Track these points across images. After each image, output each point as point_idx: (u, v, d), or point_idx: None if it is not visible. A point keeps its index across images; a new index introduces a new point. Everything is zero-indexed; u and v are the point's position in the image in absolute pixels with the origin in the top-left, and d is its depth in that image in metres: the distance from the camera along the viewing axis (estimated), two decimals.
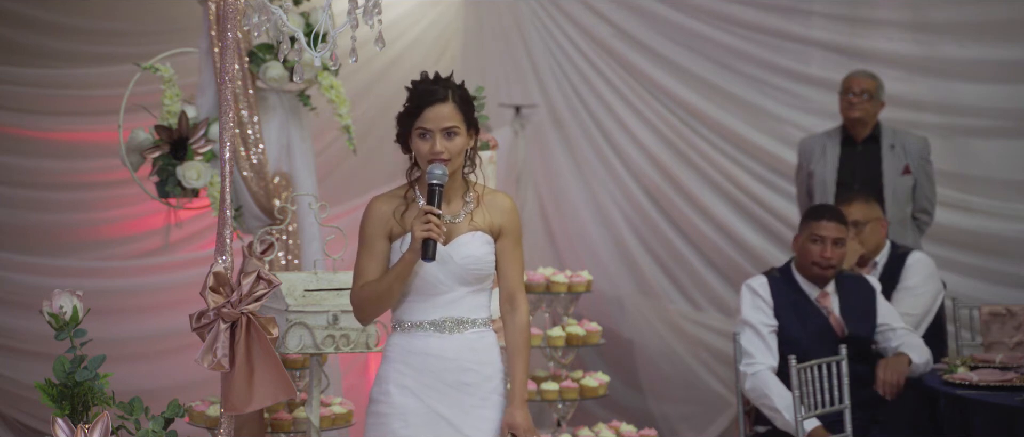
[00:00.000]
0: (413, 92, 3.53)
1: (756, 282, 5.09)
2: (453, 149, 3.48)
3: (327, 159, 6.71)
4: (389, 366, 3.53)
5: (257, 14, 3.28)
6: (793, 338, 4.96)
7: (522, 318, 3.59)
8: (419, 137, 3.49)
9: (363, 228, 3.53)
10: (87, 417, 3.49)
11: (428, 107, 3.48)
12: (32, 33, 6.33)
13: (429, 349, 3.51)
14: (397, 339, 3.55)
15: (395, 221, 3.51)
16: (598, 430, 5.61)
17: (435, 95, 3.49)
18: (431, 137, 3.48)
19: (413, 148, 3.52)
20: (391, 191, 3.59)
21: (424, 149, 3.48)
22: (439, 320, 3.52)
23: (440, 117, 3.48)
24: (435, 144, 3.46)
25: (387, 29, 3.37)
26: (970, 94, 6.78)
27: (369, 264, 3.50)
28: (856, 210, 5.53)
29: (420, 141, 3.49)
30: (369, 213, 3.53)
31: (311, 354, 4.14)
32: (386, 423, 3.51)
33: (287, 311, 3.95)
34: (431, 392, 3.50)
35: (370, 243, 3.51)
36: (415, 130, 3.50)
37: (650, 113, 7.20)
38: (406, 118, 3.52)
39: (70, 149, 6.45)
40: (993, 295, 6.45)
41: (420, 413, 3.50)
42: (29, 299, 5.43)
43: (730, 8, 7.04)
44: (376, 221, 3.52)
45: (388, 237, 3.52)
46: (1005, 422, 4.44)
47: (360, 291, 3.51)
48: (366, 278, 3.49)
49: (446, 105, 3.49)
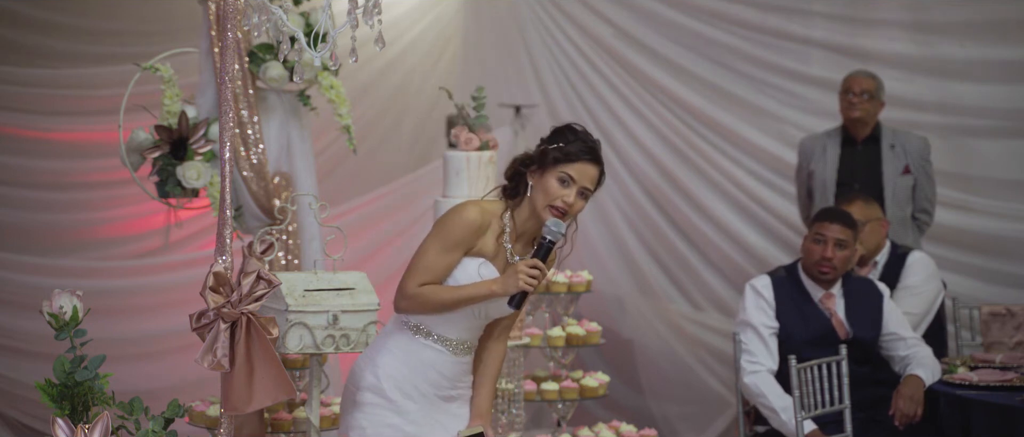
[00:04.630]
0: (576, 137, 3.49)
1: (760, 282, 5.09)
2: (577, 209, 3.48)
3: (327, 159, 6.72)
4: (392, 363, 3.55)
5: (257, 14, 3.28)
6: (794, 338, 4.96)
7: (505, 349, 3.72)
8: (559, 180, 3.45)
9: (449, 228, 3.48)
10: (87, 417, 3.48)
11: (586, 161, 3.47)
12: (32, 33, 6.33)
13: (437, 365, 3.56)
14: (407, 341, 3.56)
15: (483, 239, 3.50)
16: (598, 430, 5.61)
17: (595, 154, 3.49)
18: (570, 187, 3.45)
19: (542, 184, 3.46)
20: (485, 204, 3.55)
21: (558, 193, 3.44)
22: (458, 342, 3.57)
23: (587, 175, 3.48)
24: (571, 194, 3.45)
25: (387, 29, 3.36)
26: (970, 94, 6.78)
27: (438, 265, 3.48)
28: (856, 210, 5.53)
29: (558, 184, 3.45)
30: (464, 218, 3.48)
31: (311, 354, 4.14)
32: (383, 416, 3.52)
33: (287, 311, 3.95)
34: (426, 400, 3.56)
35: (450, 247, 3.48)
36: (557, 172, 3.45)
37: (650, 113, 7.20)
38: (557, 155, 3.46)
39: (70, 149, 6.45)
40: (993, 295, 6.45)
41: (418, 413, 3.54)
42: (29, 299, 5.43)
43: (730, 8, 7.04)
44: (468, 230, 3.48)
45: (468, 250, 3.50)
46: (1005, 422, 4.45)
47: (422, 290, 3.48)
48: (427, 278, 3.47)
49: (597, 168, 3.50)
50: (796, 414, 4.66)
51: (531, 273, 3.41)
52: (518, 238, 3.56)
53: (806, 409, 4.71)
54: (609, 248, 7.26)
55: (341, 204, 6.17)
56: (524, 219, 3.53)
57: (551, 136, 3.53)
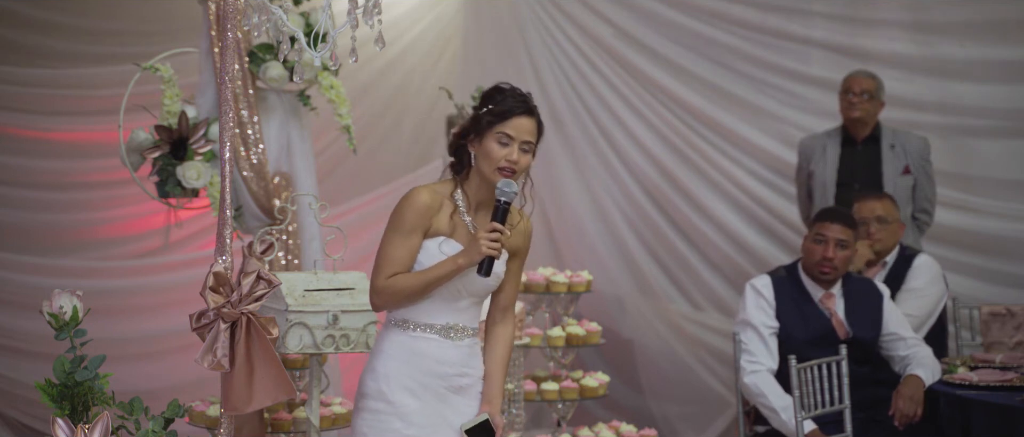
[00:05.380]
0: (504, 95, 3.51)
1: (760, 282, 5.09)
2: (523, 164, 3.49)
3: (327, 159, 6.72)
4: (389, 363, 3.53)
5: (257, 14, 3.28)
6: (794, 338, 4.96)
7: (512, 330, 3.68)
8: (498, 142, 3.46)
9: (402, 216, 3.47)
10: (87, 417, 3.48)
11: (519, 116, 3.48)
12: (32, 33, 6.33)
13: (433, 353, 3.53)
14: (399, 337, 3.54)
15: (437, 218, 3.50)
16: (598, 430, 5.61)
17: (527, 105, 3.50)
18: (510, 145, 3.46)
19: (483, 150, 3.47)
20: (435, 185, 3.55)
21: (500, 154, 3.46)
22: (445, 327, 3.54)
23: (524, 129, 3.48)
24: (513, 152, 3.46)
25: (387, 29, 3.36)
26: (970, 94, 6.78)
27: (400, 254, 3.47)
28: (882, 207, 5.53)
29: (497, 145, 3.46)
30: (413, 203, 3.47)
31: (311, 354, 4.14)
32: (384, 421, 3.50)
33: (287, 311, 3.95)
34: (430, 394, 3.52)
35: (407, 233, 3.46)
36: (495, 133, 3.46)
37: (650, 113, 7.19)
38: (490, 118, 3.47)
39: (70, 149, 6.45)
40: (993, 295, 6.45)
41: (421, 413, 3.51)
42: (29, 299, 5.43)
43: (730, 8, 7.04)
44: (419, 212, 3.47)
45: (425, 232, 3.49)
46: (1005, 422, 4.44)
47: (391, 282, 3.46)
48: (395, 268, 3.46)
49: (532, 120, 3.51)
50: (796, 414, 4.66)
51: (492, 238, 3.41)
52: (476, 209, 3.56)
53: (806, 409, 4.70)
54: (609, 248, 7.26)
55: (341, 204, 6.17)
56: (476, 189, 3.53)
57: (482, 101, 3.53)
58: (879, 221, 5.52)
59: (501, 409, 3.63)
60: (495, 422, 3.58)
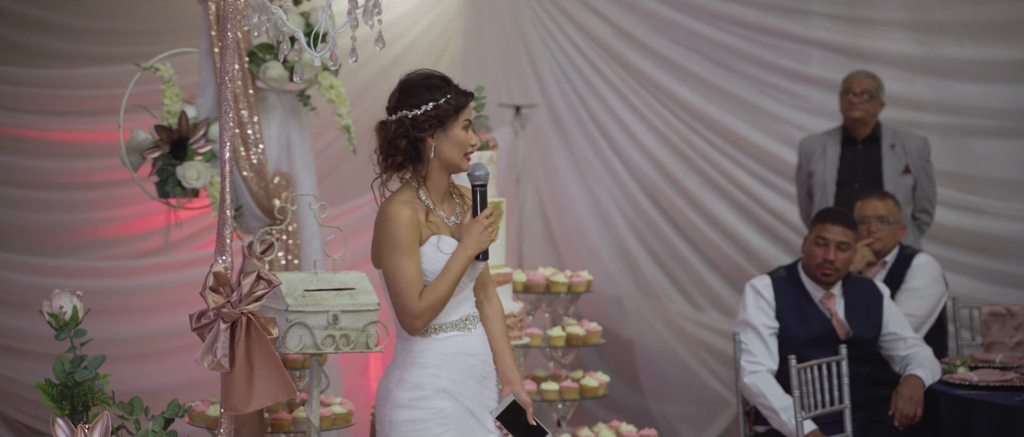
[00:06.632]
0: (449, 84, 3.55)
1: (760, 282, 5.09)
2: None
3: (327, 159, 6.71)
4: (424, 372, 3.53)
5: (257, 14, 3.28)
6: (794, 338, 4.96)
7: (499, 302, 3.76)
8: (463, 127, 3.53)
9: (397, 237, 3.50)
10: (87, 417, 3.49)
11: (470, 100, 3.58)
12: (32, 33, 6.32)
13: (460, 348, 3.58)
14: (427, 345, 3.55)
15: (422, 225, 3.53)
16: (598, 430, 5.61)
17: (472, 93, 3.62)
18: (469, 128, 3.56)
19: (452, 139, 3.52)
20: (403, 196, 3.57)
21: (467, 138, 3.54)
22: (461, 319, 3.59)
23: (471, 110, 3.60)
24: (472, 135, 3.56)
25: (387, 29, 3.37)
26: (970, 94, 6.78)
27: (416, 272, 3.51)
28: (886, 207, 5.53)
29: (464, 133, 3.53)
30: (401, 220, 3.50)
31: (311, 354, 4.14)
32: (424, 429, 3.52)
33: (287, 311, 3.95)
34: (464, 391, 3.57)
35: (410, 249, 3.50)
36: (460, 121, 3.53)
37: (650, 113, 7.20)
38: (451, 108, 3.52)
39: (70, 149, 6.44)
40: (993, 295, 6.45)
41: (456, 414, 3.54)
42: (29, 299, 5.43)
43: (730, 8, 7.04)
44: (410, 227, 3.50)
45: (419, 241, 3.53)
46: (1005, 422, 4.44)
47: (426, 299, 3.50)
48: (418, 287, 3.50)
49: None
50: (796, 414, 4.66)
51: (491, 222, 3.54)
52: (441, 201, 3.61)
53: (806, 409, 4.71)
54: (609, 248, 7.27)
55: (341, 204, 6.16)
56: (436, 181, 3.59)
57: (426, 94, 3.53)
58: (881, 220, 5.52)
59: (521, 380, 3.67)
60: (522, 400, 3.61)
